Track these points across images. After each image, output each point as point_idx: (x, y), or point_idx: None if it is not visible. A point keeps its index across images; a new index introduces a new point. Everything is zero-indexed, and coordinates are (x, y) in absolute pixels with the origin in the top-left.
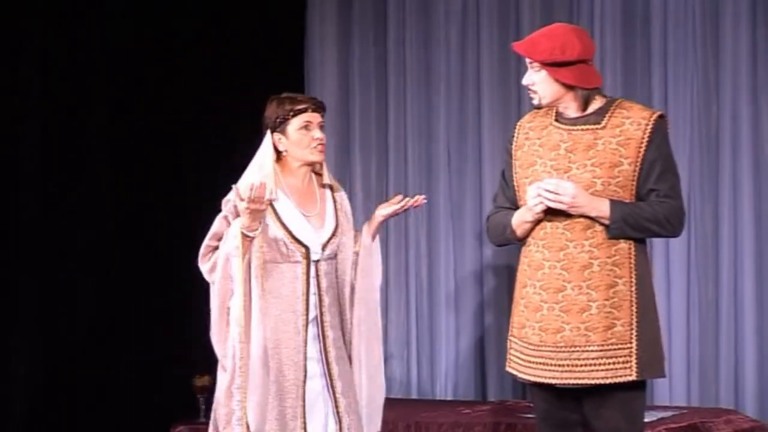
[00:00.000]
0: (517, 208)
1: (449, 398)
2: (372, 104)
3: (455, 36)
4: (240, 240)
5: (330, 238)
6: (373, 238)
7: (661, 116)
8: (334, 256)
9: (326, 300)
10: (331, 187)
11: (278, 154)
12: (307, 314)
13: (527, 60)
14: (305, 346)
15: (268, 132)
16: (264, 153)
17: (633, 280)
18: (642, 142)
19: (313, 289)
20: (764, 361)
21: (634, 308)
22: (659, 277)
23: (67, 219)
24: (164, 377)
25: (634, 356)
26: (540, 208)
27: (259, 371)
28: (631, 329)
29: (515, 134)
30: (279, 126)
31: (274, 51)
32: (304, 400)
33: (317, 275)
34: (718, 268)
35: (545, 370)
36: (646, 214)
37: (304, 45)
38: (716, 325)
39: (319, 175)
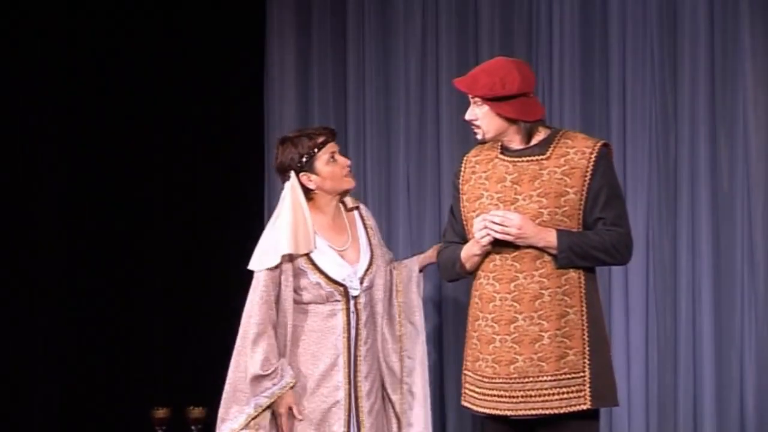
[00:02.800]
0: (466, 242)
1: None
2: None
3: (414, 63)
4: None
5: (367, 270)
6: (421, 269)
7: (605, 145)
8: (371, 286)
9: (363, 333)
10: (356, 208)
11: (306, 193)
12: (349, 350)
13: (470, 95)
14: (348, 382)
15: (293, 175)
16: (296, 199)
17: (584, 309)
18: (587, 171)
19: (353, 324)
20: (722, 391)
21: (585, 337)
22: (618, 308)
23: (22, 247)
24: (123, 409)
25: (588, 385)
26: (487, 240)
27: None
28: (584, 358)
29: (462, 168)
30: (305, 165)
31: (232, 79)
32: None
33: (356, 310)
34: (676, 299)
35: (499, 402)
36: (593, 243)
37: (264, 71)
38: (675, 355)
39: (343, 202)
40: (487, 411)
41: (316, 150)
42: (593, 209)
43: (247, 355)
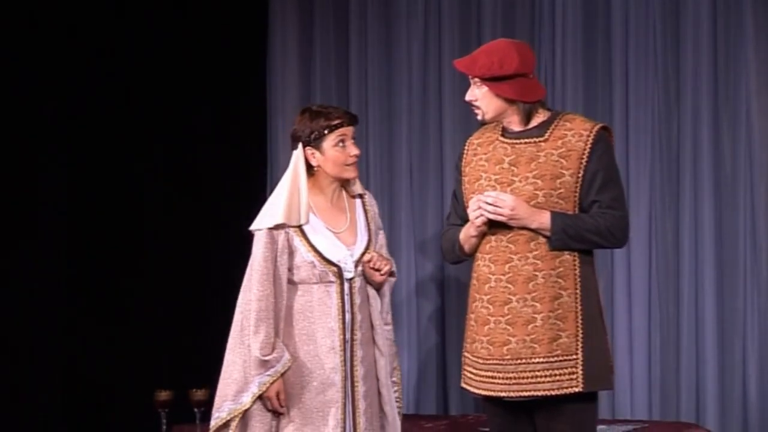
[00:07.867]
0: None
1: (410, 413)
2: None
3: (417, 46)
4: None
5: (363, 253)
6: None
7: (603, 128)
8: None
9: (358, 317)
10: (361, 195)
11: (309, 168)
12: (344, 333)
13: (470, 76)
14: (343, 365)
15: (300, 146)
16: (297, 169)
17: (578, 291)
18: (583, 154)
19: (347, 307)
20: (724, 375)
21: (579, 320)
22: (621, 292)
23: (25, 228)
24: (126, 392)
25: (580, 368)
26: (481, 221)
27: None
28: (577, 341)
29: (464, 151)
30: (313, 141)
31: (234, 69)
32: (344, 417)
33: (351, 293)
34: (679, 283)
35: (494, 383)
36: (587, 225)
37: (266, 63)
38: (677, 339)
39: (347, 189)
40: (483, 392)
41: (326, 130)
42: (589, 192)
43: (250, 334)
